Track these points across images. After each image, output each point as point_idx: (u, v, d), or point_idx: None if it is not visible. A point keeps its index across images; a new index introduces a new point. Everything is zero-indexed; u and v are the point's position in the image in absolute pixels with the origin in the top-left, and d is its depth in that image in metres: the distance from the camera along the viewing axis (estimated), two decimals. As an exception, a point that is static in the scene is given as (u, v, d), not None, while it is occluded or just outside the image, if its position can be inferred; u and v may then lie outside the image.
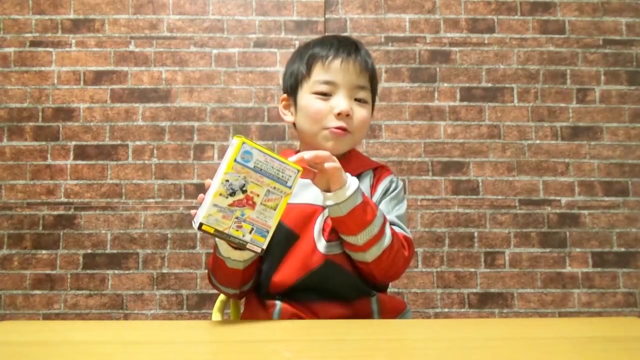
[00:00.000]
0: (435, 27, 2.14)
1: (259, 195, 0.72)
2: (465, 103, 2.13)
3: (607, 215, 2.09)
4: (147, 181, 2.06)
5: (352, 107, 0.93)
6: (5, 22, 2.09)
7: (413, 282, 2.05)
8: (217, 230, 0.71)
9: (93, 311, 2.00)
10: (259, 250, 0.75)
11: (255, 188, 0.72)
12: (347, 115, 0.92)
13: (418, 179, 2.09)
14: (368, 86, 0.96)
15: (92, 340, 0.66)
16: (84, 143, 2.07)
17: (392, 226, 0.88)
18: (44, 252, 2.02)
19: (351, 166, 0.90)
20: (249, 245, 0.74)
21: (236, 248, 0.81)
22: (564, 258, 2.07)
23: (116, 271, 2.02)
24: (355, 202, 0.81)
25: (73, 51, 2.09)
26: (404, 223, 0.94)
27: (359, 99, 0.95)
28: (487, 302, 2.04)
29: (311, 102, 0.94)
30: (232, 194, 0.71)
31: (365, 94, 0.96)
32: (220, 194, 0.70)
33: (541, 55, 2.14)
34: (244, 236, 0.73)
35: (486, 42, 2.14)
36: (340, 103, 0.92)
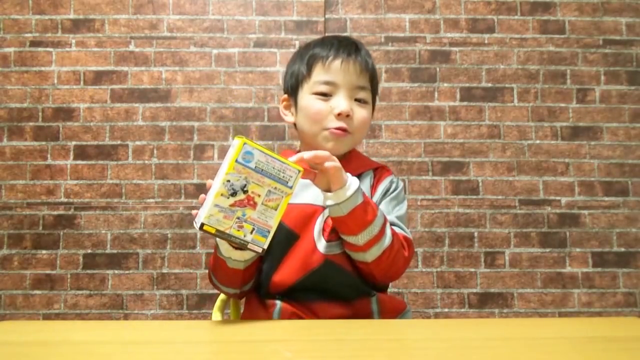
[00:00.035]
0: (435, 27, 2.14)
1: (260, 196, 0.73)
2: (465, 103, 2.13)
3: (607, 215, 2.09)
4: (147, 181, 2.06)
5: (352, 107, 0.93)
6: (5, 22, 2.09)
7: (413, 282, 2.05)
8: (218, 230, 0.71)
9: (93, 311, 2.00)
10: (260, 250, 0.75)
11: (257, 188, 0.72)
12: (347, 116, 0.92)
13: (418, 179, 2.09)
14: (368, 86, 0.96)
15: (92, 340, 0.66)
16: (84, 143, 2.07)
17: (392, 226, 0.88)
18: (44, 252, 2.02)
19: (351, 166, 0.90)
20: (250, 245, 0.74)
21: (237, 248, 0.81)
22: (564, 258, 2.07)
23: (116, 271, 2.02)
24: (355, 202, 0.81)
25: (73, 51, 2.09)
26: (404, 223, 0.94)
27: (359, 99, 0.95)
28: (487, 302, 2.04)
29: (311, 102, 0.93)
30: (234, 194, 0.71)
31: (365, 94, 0.96)
32: (221, 194, 0.70)
33: (541, 55, 2.14)
34: (245, 236, 0.73)
35: (486, 42, 2.14)
36: (341, 103, 0.92)
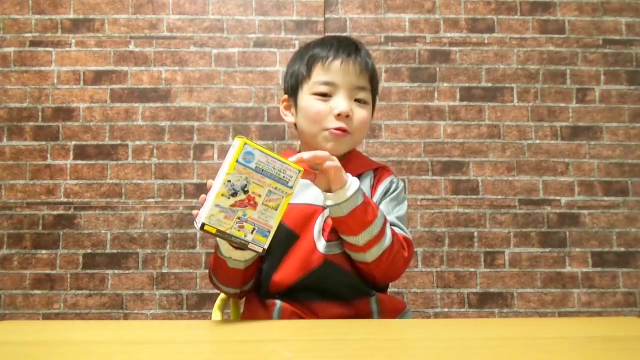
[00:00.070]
0: (435, 27, 2.14)
1: (260, 196, 0.73)
2: (465, 103, 2.13)
3: (607, 215, 2.09)
4: (147, 181, 2.06)
5: (352, 108, 0.93)
6: (5, 22, 2.09)
7: (413, 282, 2.05)
8: (219, 230, 0.71)
9: (93, 311, 2.00)
10: (261, 250, 0.75)
11: (257, 188, 0.72)
12: (347, 117, 0.92)
13: (418, 179, 2.09)
14: (368, 87, 0.96)
15: (92, 340, 0.66)
16: (84, 143, 2.07)
17: (392, 227, 0.88)
18: (44, 252, 2.02)
19: (352, 167, 0.90)
20: (250, 246, 0.74)
21: (238, 248, 0.81)
22: (564, 258, 2.07)
23: (116, 271, 2.02)
24: (356, 203, 0.81)
25: (73, 51, 2.09)
26: (404, 224, 0.94)
27: (359, 100, 0.94)
28: (487, 302, 2.04)
29: (311, 103, 0.93)
30: (234, 194, 0.71)
31: (365, 95, 0.95)
32: (222, 195, 0.71)
33: (541, 55, 2.14)
34: (245, 236, 0.73)
35: (486, 42, 2.14)
36: (340, 104, 0.92)
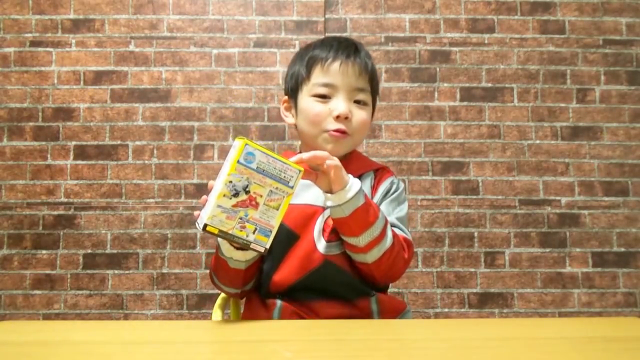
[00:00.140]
0: (435, 27, 2.14)
1: (261, 196, 0.73)
2: (465, 103, 2.13)
3: (607, 215, 2.09)
4: (147, 181, 2.06)
5: (351, 109, 0.93)
6: (5, 22, 2.09)
7: (413, 282, 2.05)
8: (221, 230, 0.72)
9: (93, 311, 2.00)
10: (263, 250, 0.75)
11: (258, 189, 0.72)
12: (346, 118, 0.92)
13: (418, 179, 2.09)
14: (368, 88, 0.96)
15: (92, 340, 0.66)
16: (84, 143, 2.07)
17: (392, 228, 0.88)
18: (44, 252, 2.02)
19: (352, 167, 0.90)
20: (252, 245, 0.74)
21: (239, 248, 0.81)
22: (564, 258, 2.07)
23: (116, 271, 2.02)
24: (357, 204, 0.81)
25: (73, 51, 2.09)
26: (405, 225, 0.94)
27: (358, 101, 0.94)
28: (487, 302, 2.04)
29: (310, 105, 0.94)
30: (236, 194, 0.71)
31: (364, 96, 0.95)
32: (224, 195, 0.71)
33: (541, 55, 2.14)
34: (247, 236, 0.73)
35: (486, 42, 2.14)
36: (339, 106, 0.92)
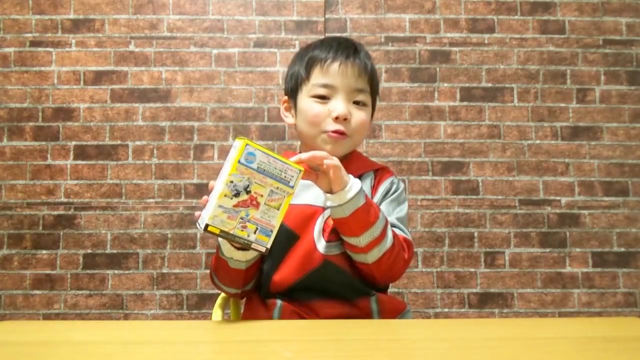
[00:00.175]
0: (435, 27, 2.14)
1: (262, 196, 0.73)
2: (465, 103, 2.13)
3: (607, 215, 2.09)
4: (147, 181, 2.06)
5: (350, 110, 0.93)
6: (5, 22, 2.09)
7: (413, 282, 2.05)
8: (222, 230, 0.72)
9: (93, 311, 2.00)
10: (264, 250, 0.75)
11: (259, 188, 0.73)
12: (345, 119, 0.92)
13: (418, 179, 2.09)
14: (367, 89, 0.96)
15: (92, 340, 0.66)
16: (84, 143, 2.07)
17: (392, 228, 0.88)
18: (44, 252, 2.02)
19: (352, 167, 0.90)
20: (253, 245, 0.74)
21: (239, 248, 0.81)
22: (564, 258, 2.07)
23: (116, 271, 2.02)
24: (358, 204, 0.81)
25: (73, 51, 2.09)
26: (405, 225, 0.94)
27: (357, 102, 0.94)
28: (487, 302, 2.04)
29: (310, 105, 0.94)
30: (237, 194, 0.72)
31: (364, 97, 0.95)
32: (225, 195, 0.71)
33: (541, 55, 2.14)
34: (248, 236, 0.74)
35: (486, 42, 2.14)
36: (338, 107, 0.92)
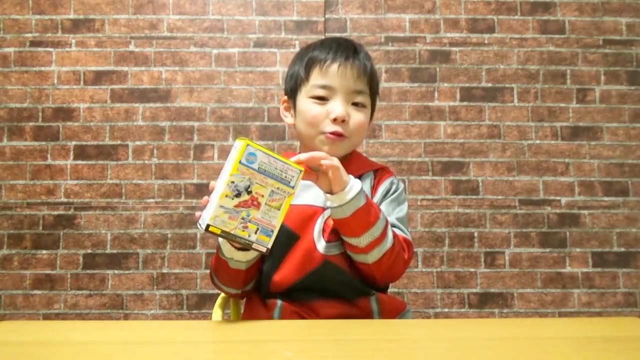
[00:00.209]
0: (435, 27, 2.14)
1: (263, 196, 0.73)
2: (465, 103, 2.13)
3: (607, 215, 2.09)
4: (147, 181, 2.06)
5: (348, 111, 0.92)
6: (5, 22, 2.09)
7: (413, 282, 2.05)
8: (223, 231, 0.72)
9: (93, 311, 2.00)
10: (265, 250, 0.75)
11: (260, 189, 0.73)
12: (343, 121, 0.92)
13: (418, 179, 2.09)
14: (366, 90, 0.96)
15: (92, 340, 0.66)
16: (84, 143, 2.07)
17: (392, 228, 0.88)
18: (44, 252, 2.02)
19: (352, 168, 0.90)
20: (254, 245, 0.74)
21: (240, 249, 0.81)
22: (564, 258, 2.07)
23: (116, 271, 2.02)
24: (358, 204, 0.81)
25: (73, 51, 2.09)
26: (404, 225, 0.94)
27: (356, 103, 0.94)
28: (487, 302, 2.04)
29: (308, 106, 0.94)
30: (238, 195, 0.72)
31: (362, 98, 0.95)
32: (226, 195, 0.71)
33: (541, 55, 2.14)
34: (249, 236, 0.74)
35: (486, 42, 2.14)
36: (336, 108, 0.91)
